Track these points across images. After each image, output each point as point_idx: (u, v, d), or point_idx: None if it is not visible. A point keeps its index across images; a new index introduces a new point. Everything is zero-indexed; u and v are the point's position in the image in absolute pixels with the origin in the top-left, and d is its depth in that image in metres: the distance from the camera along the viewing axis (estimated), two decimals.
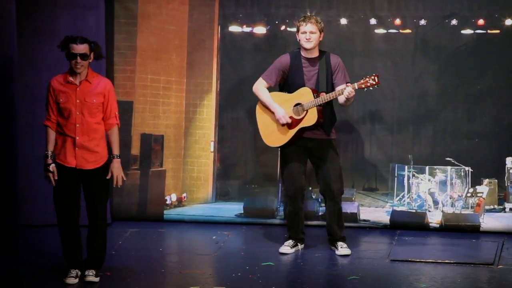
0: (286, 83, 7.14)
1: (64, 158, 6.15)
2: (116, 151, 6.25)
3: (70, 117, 6.10)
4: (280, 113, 7.03)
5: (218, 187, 9.11)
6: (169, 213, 8.80)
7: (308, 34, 7.00)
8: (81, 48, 6.05)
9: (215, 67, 9.16)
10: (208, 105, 9.13)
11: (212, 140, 9.09)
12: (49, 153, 6.14)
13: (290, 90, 7.09)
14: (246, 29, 9.17)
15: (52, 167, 6.12)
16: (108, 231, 6.41)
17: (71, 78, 6.13)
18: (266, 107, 7.18)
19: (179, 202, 8.98)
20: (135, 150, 8.81)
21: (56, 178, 6.13)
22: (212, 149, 9.08)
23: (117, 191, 8.64)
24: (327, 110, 7.06)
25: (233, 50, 9.14)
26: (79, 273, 6.24)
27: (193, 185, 9.08)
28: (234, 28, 9.16)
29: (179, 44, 9.14)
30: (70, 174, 6.16)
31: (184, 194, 9.03)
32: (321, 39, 7.14)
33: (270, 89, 7.26)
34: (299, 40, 7.09)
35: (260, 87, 7.19)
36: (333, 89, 7.03)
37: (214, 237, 7.91)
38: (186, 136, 9.10)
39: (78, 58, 6.04)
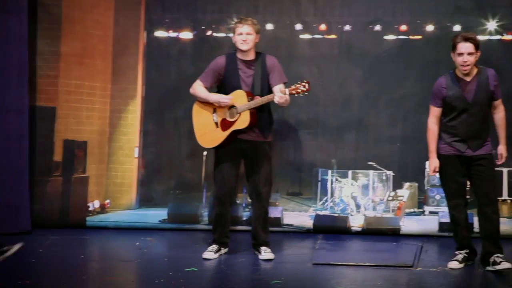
0: (223, 85, 7.15)
1: None
2: None
3: None
4: (218, 98, 7.02)
5: (142, 193, 9.05)
6: (92, 220, 8.73)
7: (245, 36, 7.01)
8: None
9: (140, 73, 9.11)
10: (133, 110, 9.08)
11: (136, 146, 9.04)
12: None
13: (227, 92, 7.10)
14: (172, 34, 9.15)
15: None
16: (29, 239, 6.34)
17: None
18: (202, 108, 7.18)
19: (102, 209, 8.91)
20: (58, 156, 8.73)
21: None
22: (136, 155, 9.03)
23: (39, 197, 8.56)
24: (263, 113, 7.08)
25: (159, 55, 9.11)
26: None
27: (116, 191, 9.02)
28: (160, 33, 9.13)
29: (104, 49, 9.08)
30: None
31: (108, 201, 8.96)
32: (257, 40, 7.16)
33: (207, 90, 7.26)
34: (235, 42, 7.08)
35: (196, 86, 7.20)
36: (270, 91, 7.05)
37: (137, 244, 7.86)
38: (110, 142, 9.03)
39: None
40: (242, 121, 7.00)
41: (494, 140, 6.87)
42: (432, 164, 6.79)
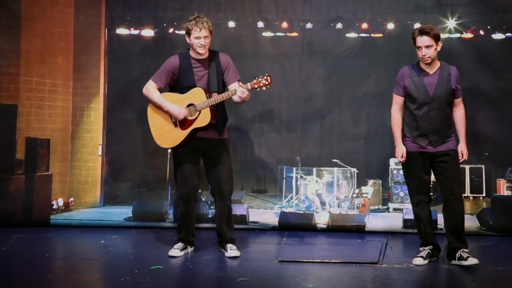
0: (177, 84, 7.07)
1: None
2: None
3: None
4: (175, 110, 6.95)
5: (106, 191, 9.03)
6: (56, 218, 8.64)
7: (203, 40, 6.93)
8: None
9: (102, 70, 9.09)
10: (96, 108, 9.04)
11: (100, 143, 9.00)
12: None
13: (182, 91, 7.02)
14: (134, 31, 9.13)
15: None
16: None
17: None
18: (157, 108, 7.11)
19: (66, 207, 8.86)
20: (20, 154, 8.63)
21: None
22: (100, 153, 8.99)
23: (1, 196, 8.46)
24: (219, 110, 7.05)
25: (121, 52, 9.09)
26: None
27: (80, 189, 8.98)
28: (121, 31, 9.11)
29: (65, 46, 9.02)
30: None
31: (72, 199, 8.91)
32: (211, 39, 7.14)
33: (161, 90, 7.21)
34: (192, 44, 6.98)
35: (150, 89, 7.10)
36: (224, 88, 7.03)
37: (102, 242, 7.80)
38: (73, 140, 9.00)
39: None
40: (203, 119, 6.95)
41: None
42: (399, 151, 6.79)
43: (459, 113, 6.76)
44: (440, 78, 6.63)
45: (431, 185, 7.01)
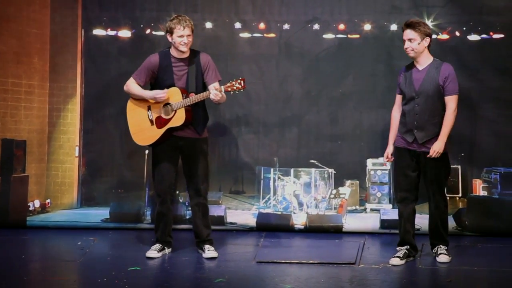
0: (157, 82, 7.07)
1: None
2: None
3: None
4: (153, 94, 6.95)
5: (83, 192, 8.99)
6: (32, 220, 8.60)
7: (186, 38, 6.92)
8: None
9: (79, 71, 9.06)
10: (73, 109, 9.01)
11: (76, 144, 8.97)
12: None
13: (161, 89, 7.04)
14: (111, 32, 9.10)
15: None
16: None
17: None
18: (136, 105, 7.10)
19: (43, 208, 8.82)
20: None
21: None
22: (77, 154, 8.95)
23: None
24: (198, 110, 7.04)
25: (98, 53, 9.06)
26: None
27: (57, 191, 8.95)
28: (98, 32, 9.08)
29: (41, 47, 8.99)
30: None
31: (48, 200, 8.87)
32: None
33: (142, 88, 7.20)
34: (174, 43, 6.96)
35: (130, 84, 7.11)
36: (204, 88, 7.03)
37: (79, 243, 7.77)
38: (50, 141, 8.96)
39: None
40: (178, 119, 6.95)
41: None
42: (385, 151, 6.88)
43: (445, 113, 6.70)
44: (427, 73, 6.66)
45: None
